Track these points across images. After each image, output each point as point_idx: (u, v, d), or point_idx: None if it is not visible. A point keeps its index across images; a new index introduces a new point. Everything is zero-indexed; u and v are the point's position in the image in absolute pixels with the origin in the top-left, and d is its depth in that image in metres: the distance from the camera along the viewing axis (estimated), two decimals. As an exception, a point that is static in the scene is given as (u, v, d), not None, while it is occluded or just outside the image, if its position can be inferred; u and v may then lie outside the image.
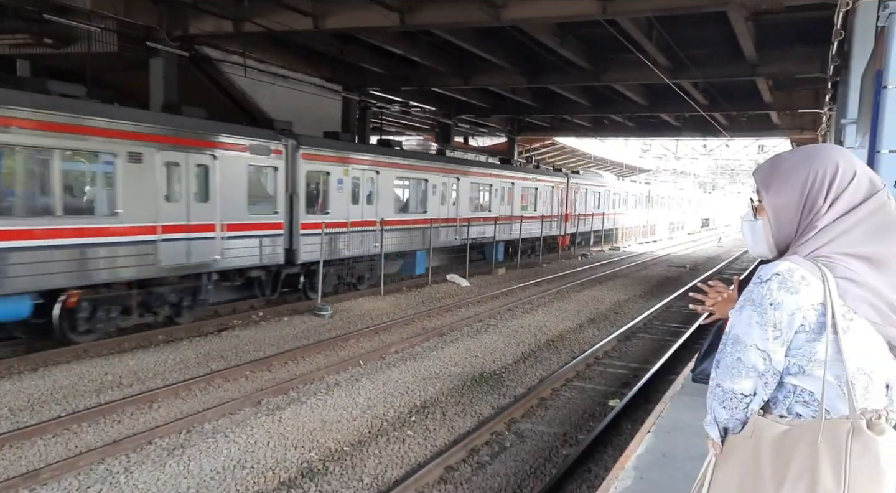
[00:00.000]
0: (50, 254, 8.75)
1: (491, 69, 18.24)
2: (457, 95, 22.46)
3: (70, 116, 8.99)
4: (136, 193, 9.90)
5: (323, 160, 13.99)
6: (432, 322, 12.49)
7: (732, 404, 1.53)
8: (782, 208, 1.59)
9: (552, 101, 23.34)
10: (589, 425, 7.37)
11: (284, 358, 9.46)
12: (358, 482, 5.72)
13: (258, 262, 12.40)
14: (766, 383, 1.50)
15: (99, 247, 9.40)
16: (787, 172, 1.60)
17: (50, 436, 6.40)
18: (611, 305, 15.29)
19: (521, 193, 23.43)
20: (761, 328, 1.48)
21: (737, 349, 1.51)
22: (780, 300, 1.47)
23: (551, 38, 14.48)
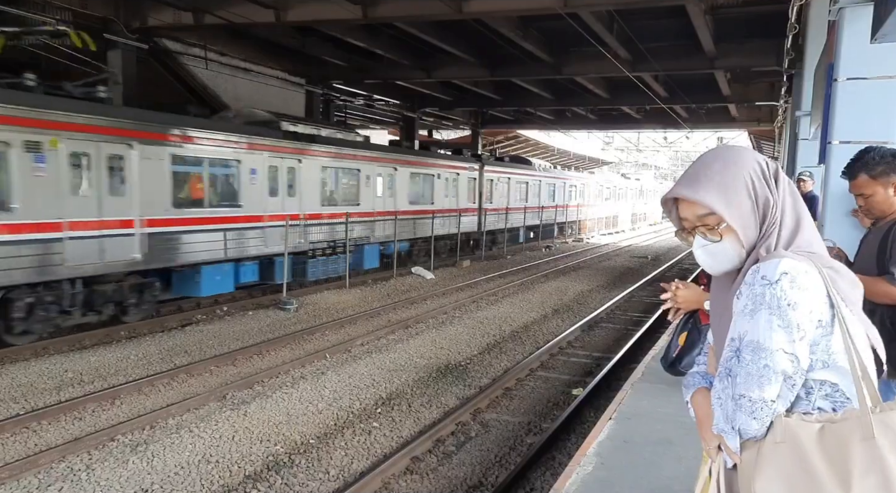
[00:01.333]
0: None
1: (454, 62, 18.28)
2: (420, 88, 22.46)
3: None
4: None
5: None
6: (398, 315, 12.53)
7: (763, 414, 1.44)
8: (745, 218, 1.55)
9: (515, 93, 23.49)
10: (553, 413, 7.50)
11: (249, 352, 9.40)
12: (324, 474, 5.75)
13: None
14: (794, 385, 1.46)
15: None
16: (728, 183, 1.56)
17: (8, 435, 6.29)
18: (574, 295, 15.52)
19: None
20: (786, 331, 1.43)
21: (761, 356, 1.44)
22: (796, 300, 1.43)
23: (513, 31, 14.58)
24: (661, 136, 44.91)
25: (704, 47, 15.22)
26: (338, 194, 15.63)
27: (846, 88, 4.30)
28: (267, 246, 13.14)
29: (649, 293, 16.35)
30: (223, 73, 16.07)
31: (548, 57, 16.85)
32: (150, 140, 10.59)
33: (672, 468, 4.42)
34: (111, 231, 10.02)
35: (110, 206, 10.01)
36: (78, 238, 9.49)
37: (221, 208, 12.17)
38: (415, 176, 18.97)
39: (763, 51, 15.78)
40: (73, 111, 9.46)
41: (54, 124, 9.16)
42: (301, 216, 14.07)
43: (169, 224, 11.05)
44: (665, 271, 20.90)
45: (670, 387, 6.28)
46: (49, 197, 9.10)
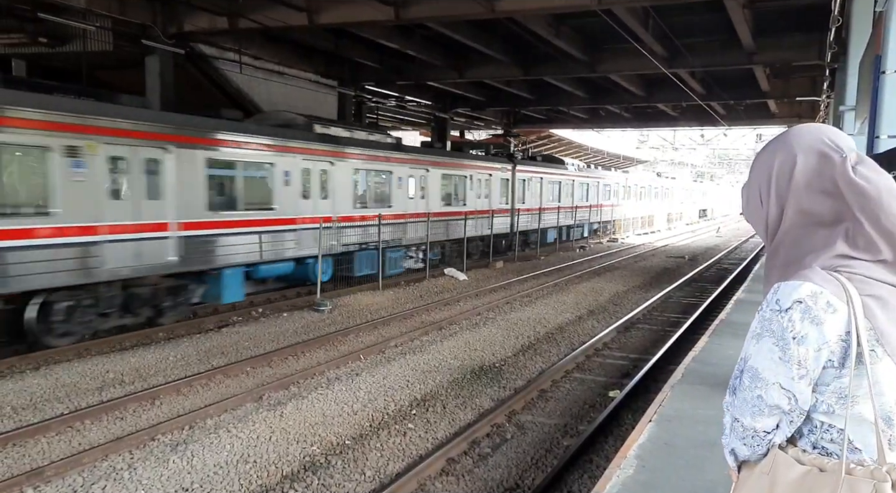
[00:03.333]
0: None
1: (486, 62, 18.22)
2: (452, 88, 22.45)
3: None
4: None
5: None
6: (431, 316, 12.51)
7: (755, 442, 1.38)
8: (752, 214, 1.54)
9: (548, 92, 23.33)
10: (590, 416, 7.40)
11: (285, 353, 9.47)
12: (360, 475, 5.74)
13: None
14: (792, 421, 1.36)
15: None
16: (752, 167, 1.56)
17: (53, 434, 6.42)
18: (610, 296, 15.32)
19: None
20: (785, 366, 1.31)
21: (757, 386, 1.35)
22: (804, 334, 1.30)
23: (546, 29, 14.46)
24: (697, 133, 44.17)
25: (743, 42, 14.89)
26: (370, 196, 15.70)
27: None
28: (301, 249, 13.26)
29: (687, 294, 16.07)
30: (257, 77, 16.27)
31: (582, 55, 16.67)
32: (185, 143, 10.76)
33: (716, 472, 4.30)
34: (148, 234, 10.24)
35: (147, 209, 10.21)
36: (116, 241, 9.73)
37: (255, 211, 12.33)
38: (446, 177, 18.94)
39: (804, 45, 15.39)
40: (110, 116, 9.66)
41: (92, 129, 9.37)
42: (333, 219, 14.15)
43: (204, 227, 11.24)
44: (703, 272, 20.52)
45: (711, 389, 6.14)
46: (88, 201, 9.34)
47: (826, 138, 1.40)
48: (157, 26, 13.08)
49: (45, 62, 14.95)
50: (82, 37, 13.08)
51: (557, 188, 26.93)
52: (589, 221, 30.34)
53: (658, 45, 15.13)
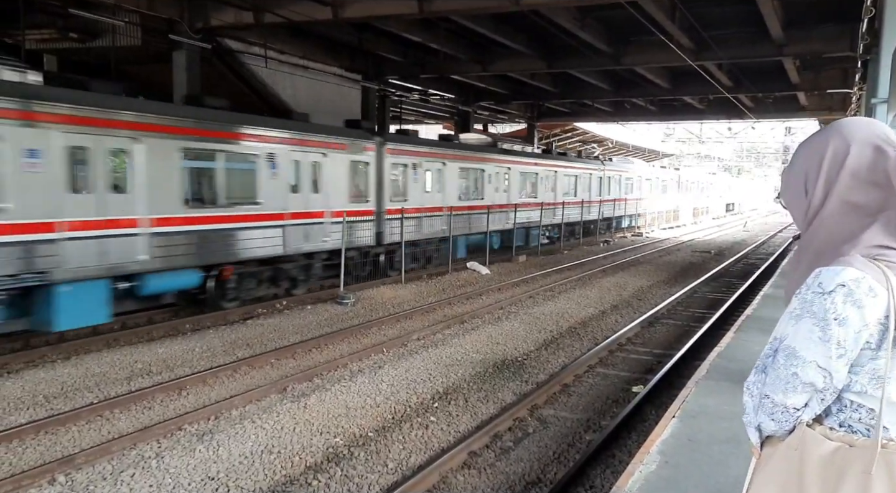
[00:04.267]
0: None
1: (510, 55, 18.13)
2: (476, 81, 22.38)
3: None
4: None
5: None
6: (453, 310, 12.53)
7: (783, 418, 1.42)
8: (792, 198, 1.59)
9: (572, 85, 23.15)
10: (612, 411, 7.36)
11: (308, 346, 9.56)
12: (383, 466, 5.79)
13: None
14: (823, 400, 1.40)
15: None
16: (796, 154, 1.60)
17: (83, 422, 6.56)
18: (634, 291, 15.20)
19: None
20: (824, 345, 1.35)
21: (792, 363, 1.39)
22: (845, 315, 1.34)
23: (571, 21, 14.34)
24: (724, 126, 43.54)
25: (772, 34, 14.62)
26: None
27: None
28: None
29: (713, 289, 15.89)
30: (282, 71, 16.36)
31: (607, 47, 16.51)
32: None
33: (740, 468, 4.24)
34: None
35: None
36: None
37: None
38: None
39: (835, 36, 15.05)
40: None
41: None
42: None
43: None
44: (729, 267, 20.27)
45: (737, 385, 6.05)
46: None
47: (881, 133, 1.48)
48: (184, 21, 13.21)
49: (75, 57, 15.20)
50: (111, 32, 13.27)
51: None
52: (613, 216, 30.34)
53: (685, 37, 14.91)
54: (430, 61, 18.99)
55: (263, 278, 12.47)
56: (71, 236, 8.88)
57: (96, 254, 9.20)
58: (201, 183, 11.07)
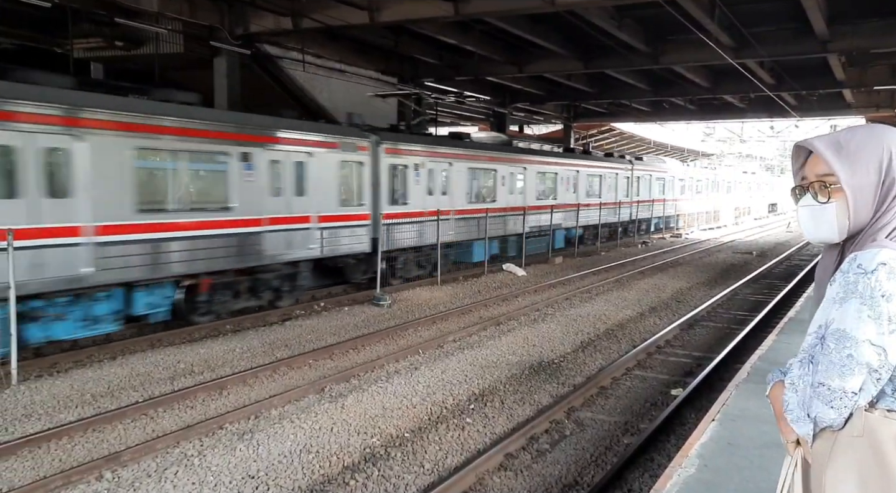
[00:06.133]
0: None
1: (546, 55, 18.04)
2: (511, 83, 22.33)
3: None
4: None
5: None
6: (489, 311, 12.52)
7: (842, 404, 1.42)
8: (861, 190, 1.52)
9: (609, 85, 22.93)
10: (651, 414, 7.27)
11: (345, 347, 9.66)
12: (419, 467, 5.82)
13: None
14: (879, 379, 1.41)
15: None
16: (860, 151, 1.53)
17: (129, 421, 6.74)
18: (673, 293, 14.98)
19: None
20: (875, 322, 1.39)
21: (845, 345, 1.41)
22: (891, 291, 1.39)
23: (608, 21, 14.22)
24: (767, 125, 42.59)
25: (816, 29, 14.26)
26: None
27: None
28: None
29: (755, 290, 15.57)
30: (319, 75, 16.58)
31: (645, 46, 16.32)
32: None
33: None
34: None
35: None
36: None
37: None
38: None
39: (883, 30, 14.61)
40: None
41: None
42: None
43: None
44: (772, 268, 19.82)
45: (779, 390, 5.93)
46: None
47: None
48: (224, 28, 13.49)
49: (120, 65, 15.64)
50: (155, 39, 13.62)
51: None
52: (651, 217, 29.87)
53: (725, 34, 14.64)
54: (465, 63, 19.02)
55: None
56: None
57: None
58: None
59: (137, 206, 9.38)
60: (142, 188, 9.48)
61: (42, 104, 8.24)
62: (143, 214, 9.46)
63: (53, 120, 8.35)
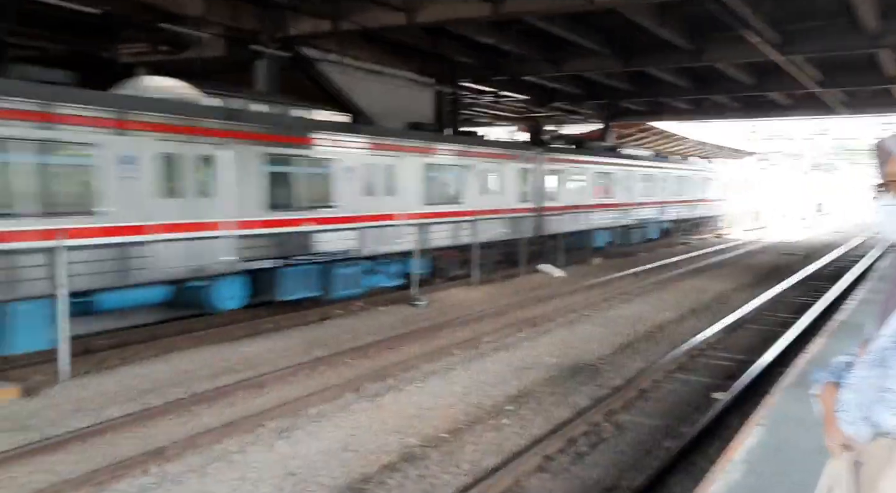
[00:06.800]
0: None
1: (584, 54, 17.88)
2: (549, 82, 22.19)
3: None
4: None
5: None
6: (525, 313, 12.44)
7: None
8: None
9: (649, 84, 22.62)
10: (692, 417, 7.13)
11: (382, 346, 9.71)
12: (456, 468, 5.81)
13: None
14: None
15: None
16: None
17: (173, 416, 6.89)
18: (714, 295, 14.68)
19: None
20: None
21: None
22: None
23: (649, 18, 14.01)
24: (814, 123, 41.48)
25: (865, 24, 13.83)
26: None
27: None
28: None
29: (801, 293, 15.16)
30: (356, 77, 16.71)
31: (687, 44, 16.04)
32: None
33: (832, 483, 4.04)
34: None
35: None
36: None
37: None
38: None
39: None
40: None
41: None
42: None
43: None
44: (820, 270, 19.27)
45: (827, 395, 5.76)
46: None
47: None
48: (265, 32, 13.71)
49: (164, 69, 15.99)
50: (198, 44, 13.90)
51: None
52: (692, 217, 29.34)
53: (770, 31, 14.30)
54: (502, 63, 18.97)
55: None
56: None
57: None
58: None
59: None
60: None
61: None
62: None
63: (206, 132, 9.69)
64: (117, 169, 8.72)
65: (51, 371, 7.87)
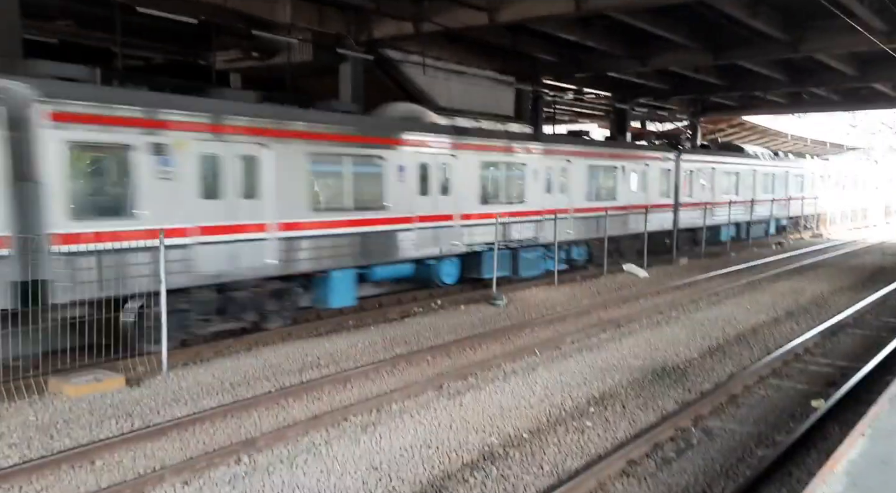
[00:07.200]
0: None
1: (671, 48, 17.34)
2: (633, 78, 21.65)
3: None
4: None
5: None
6: (609, 313, 12.19)
7: None
8: None
9: (741, 77, 21.70)
10: (788, 426, 6.79)
11: (462, 345, 9.75)
12: (538, 469, 5.76)
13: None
14: None
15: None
16: None
17: (263, 409, 7.16)
18: (812, 297, 13.92)
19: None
20: None
21: None
22: None
23: (741, 9, 13.46)
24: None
25: None
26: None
27: None
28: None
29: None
30: (438, 77, 16.85)
31: (782, 34, 15.28)
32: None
33: (947, 502, 3.75)
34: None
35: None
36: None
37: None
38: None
39: None
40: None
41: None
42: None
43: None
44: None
45: (942, 406, 5.35)
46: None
47: None
48: (350, 35, 14.04)
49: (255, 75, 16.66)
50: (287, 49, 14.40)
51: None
52: (788, 215, 27.98)
53: (876, 18, 13.41)
54: (585, 60, 18.67)
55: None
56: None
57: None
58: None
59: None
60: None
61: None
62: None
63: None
64: (396, 175, 11.94)
65: (152, 363, 8.34)
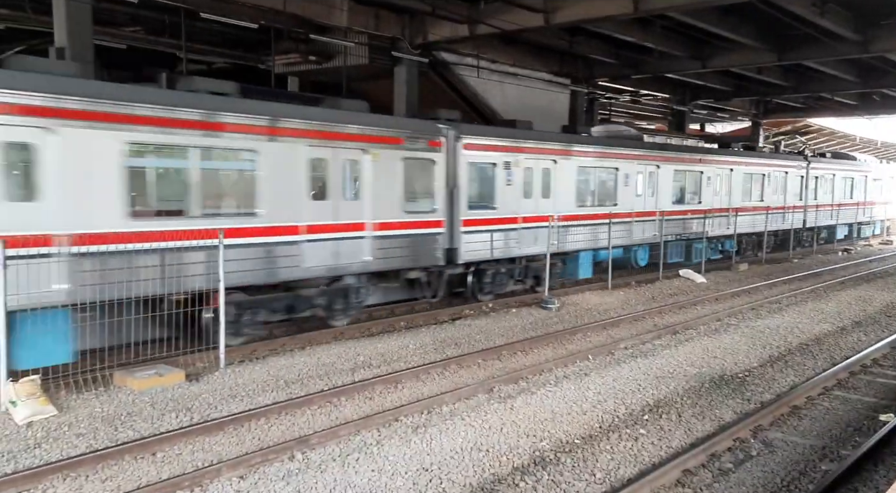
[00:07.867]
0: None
1: (733, 48, 16.91)
2: (693, 79, 21.19)
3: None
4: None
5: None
6: (664, 319, 11.93)
7: None
8: None
9: (807, 78, 21.01)
10: (854, 440, 6.51)
11: (513, 348, 9.69)
12: (590, 475, 5.68)
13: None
14: None
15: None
16: None
17: (316, 407, 7.27)
18: (881, 306, 13.32)
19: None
20: None
21: None
22: None
23: (808, 8, 13.01)
24: None
25: None
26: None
27: None
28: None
29: None
30: (492, 80, 16.83)
31: (852, 34, 14.71)
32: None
33: None
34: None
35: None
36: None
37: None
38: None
39: None
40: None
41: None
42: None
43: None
44: None
45: None
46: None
47: None
48: (405, 38, 14.16)
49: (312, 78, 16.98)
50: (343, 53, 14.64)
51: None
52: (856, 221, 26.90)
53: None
54: (643, 61, 18.36)
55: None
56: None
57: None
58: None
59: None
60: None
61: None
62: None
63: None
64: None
65: (211, 359, 8.58)
